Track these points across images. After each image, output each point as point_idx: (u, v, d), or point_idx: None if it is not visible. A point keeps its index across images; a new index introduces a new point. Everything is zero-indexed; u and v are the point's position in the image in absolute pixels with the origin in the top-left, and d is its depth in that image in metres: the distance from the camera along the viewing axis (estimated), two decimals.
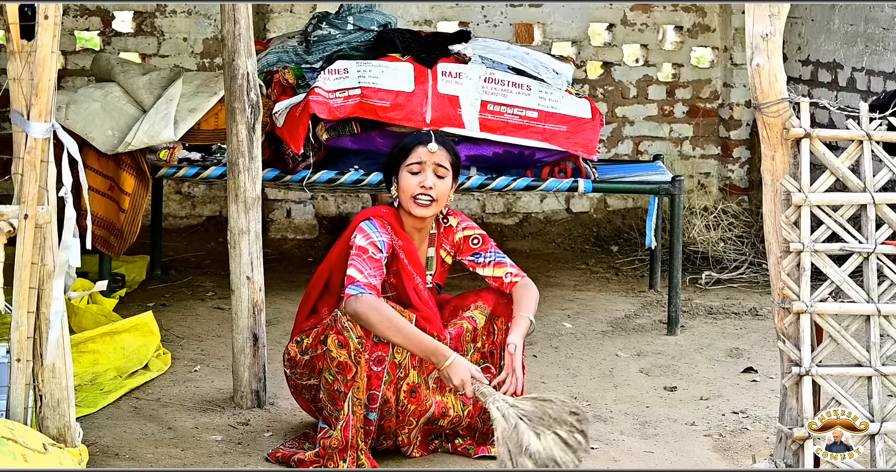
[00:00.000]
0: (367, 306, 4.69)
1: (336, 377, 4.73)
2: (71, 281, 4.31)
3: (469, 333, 4.94)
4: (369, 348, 4.70)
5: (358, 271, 4.77)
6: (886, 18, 7.93)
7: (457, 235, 5.11)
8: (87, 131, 6.46)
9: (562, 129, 6.57)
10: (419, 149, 4.96)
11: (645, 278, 7.76)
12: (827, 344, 4.41)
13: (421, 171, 4.94)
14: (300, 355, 4.91)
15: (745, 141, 9.16)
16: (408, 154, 4.97)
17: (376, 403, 4.74)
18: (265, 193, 7.28)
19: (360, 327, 4.70)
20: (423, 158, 4.94)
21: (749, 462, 4.82)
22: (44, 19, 4.05)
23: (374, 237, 4.86)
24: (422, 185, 4.92)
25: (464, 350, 4.89)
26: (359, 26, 6.84)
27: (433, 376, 4.88)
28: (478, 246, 5.10)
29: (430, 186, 4.92)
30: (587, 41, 9.01)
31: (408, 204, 4.94)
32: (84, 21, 8.47)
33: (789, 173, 4.43)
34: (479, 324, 4.97)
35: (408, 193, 4.93)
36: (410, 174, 4.95)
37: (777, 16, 4.37)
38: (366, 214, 4.97)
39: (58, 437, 4.28)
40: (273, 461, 4.86)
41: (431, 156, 4.95)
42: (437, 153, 4.96)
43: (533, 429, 4.49)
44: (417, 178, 4.93)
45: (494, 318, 5.02)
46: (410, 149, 4.98)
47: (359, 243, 4.85)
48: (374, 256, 4.82)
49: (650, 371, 6.12)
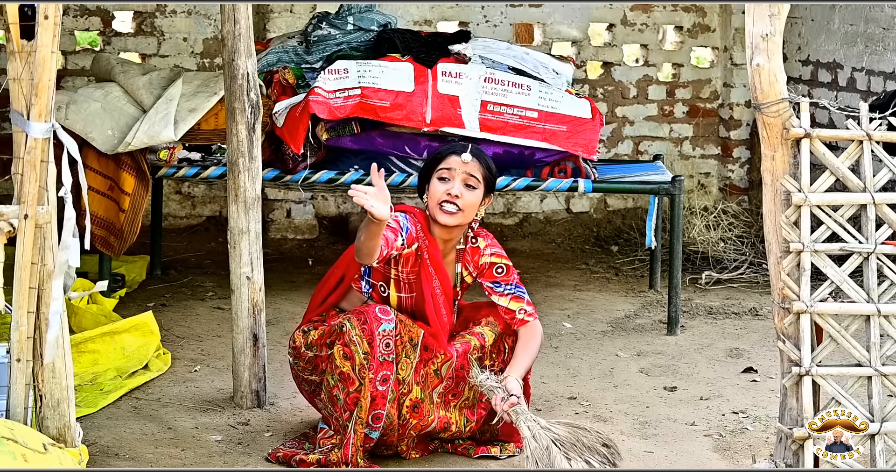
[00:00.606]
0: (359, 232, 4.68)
1: (337, 385, 4.74)
2: (71, 281, 4.31)
3: (476, 350, 4.93)
4: (375, 367, 4.69)
5: None
6: (886, 18, 7.93)
7: (483, 258, 5.07)
8: (87, 131, 6.46)
9: (562, 129, 6.57)
10: (452, 157, 4.95)
11: (645, 278, 7.76)
12: (827, 344, 4.41)
13: (450, 178, 4.93)
14: (304, 349, 4.91)
15: (745, 141, 9.16)
16: (440, 161, 4.97)
17: (380, 423, 4.73)
18: (265, 193, 7.29)
19: (366, 342, 4.69)
20: (453, 166, 4.93)
21: (749, 462, 4.82)
22: (44, 19, 4.05)
23: (401, 222, 4.85)
24: (448, 192, 4.90)
25: (470, 368, 4.88)
26: (359, 26, 6.84)
27: (437, 391, 4.87)
28: (501, 276, 5.06)
29: (456, 194, 4.89)
30: (587, 41, 9.01)
31: (434, 211, 4.92)
32: (84, 21, 8.47)
33: (789, 173, 4.43)
34: (487, 341, 4.96)
35: (435, 200, 4.92)
36: (439, 181, 4.94)
37: (777, 16, 4.37)
38: (398, 208, 4.95)
39: (58, 437, 4.28)
40: (273, 460, 4.86)
41: (463, 166, 4.93)
42: (469, 164, 4.94)
43: (565, 454, 4.52)
44: (445, 185, 4.92)
45: (505, 336, 5.01)
46: (444, 157, 4.97)
47: None
48: (391, 225, 4.78)
49: (650, 371, 6.12)
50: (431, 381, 4.82)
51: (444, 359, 4.86)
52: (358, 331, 4.70)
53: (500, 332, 5.00)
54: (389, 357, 4.70)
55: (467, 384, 4.91)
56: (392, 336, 4.72)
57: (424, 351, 4.82)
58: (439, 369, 4.86)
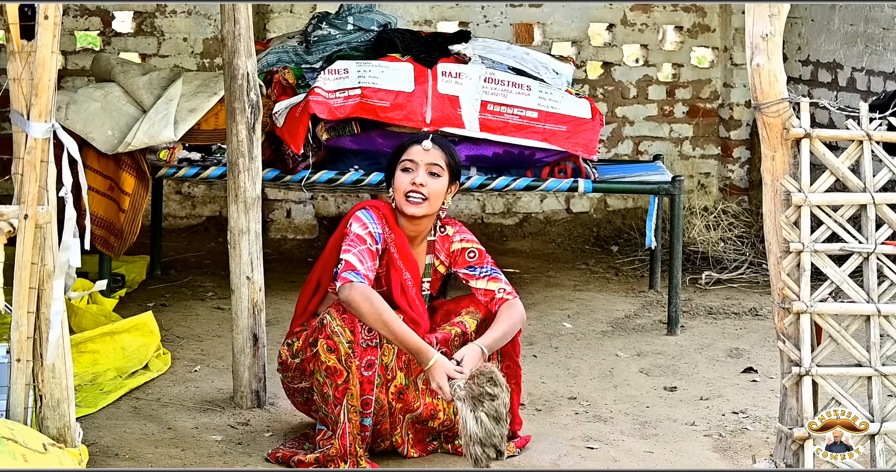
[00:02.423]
0: (361, 295, 4.67)
1: (325, 381, 4.73)
2: (71, 281, 4.31)
3: (458, 337, 4.90)
4: (359, 354, 4.69)
5: (358, 260, 4.75)
6: (886, 18, 7.93)
7: (453, 245, 5.06)
8: (87, 131, 6.46)
9: (562, 129, 6.57)
10: (414, 147, 4.97)
11: (645, 278, 7.76)
12: (827, 344, 4.41)
13: (413, 169, 4.93)
14: (290, 359, 4.92)
15: (745, 141, 9.16)
16: (402, 152, 4.98)
17: (370, 408, 4.73)
18: (265, 193, 7.29)
19: (349, 330, 4.68)
20: (415, 157, 4.94)
21: (749, 462, 4.82)
22: (44, 19, 4.05)
23: (371, 228, 4.85)
24: (413, 182, 4.90)
25: (451, 355, 4.87)
26: (359, 26, 6.84)
27: (421, 377, 4.86)
28: (474, 260, 5.05)
29: (421, 182, 4.89)
30: (587, 41, 9.01)
31: (400, 203, 4.92)
32: (84, 21, 8.47)
33: (789, 173, 4.43)
34: (469, 328, 4.93)
35: (400, 191, 4.92)
36: (403, 172, 4.94)
37: (777, 16, 4.37)
38: (362, 204, 4.96)
39: (58, 437, 4.28)
40: (273, 461, 4.86)
41: (425, 154, 4.94)
42: (430, 152, 4.94)
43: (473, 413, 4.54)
44: (410, 175, 4.92)
45: (488, 322, 4.97)
46: (405, 147, 4.99)
47: (356, 231, 4.83)
48: (370, 248, 4.80)
49: (650, 371, 6.12)
50: (415, 367, 4.81)
51: None
52: (339, 321, 4.70)
53: (482, 318, 4.97)
54: (373, 343, 4.70)
55: None
56: None
57: None
58: None
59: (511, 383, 4.95)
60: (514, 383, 5.00)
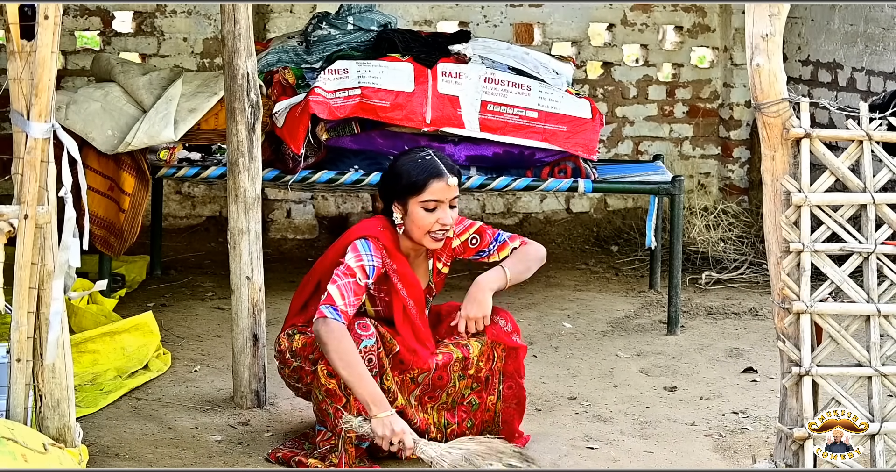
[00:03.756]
0: (331, 334, 4.61)
1: (325, 399, 4.73)
2: (71, 281, 4.31)
3: (459, 362, 4.89)
4: None
5: (340, 294, 4.68)
6: (886, 18, 7.93)
7: (453, 243, 5.03)
8: (87, 131, 6.46)
9: (562, 129, 6.57)
10: (434, 184, 4.77)
11: (645, 278, 7.76)
12: (827, 344, 4.41)
13: (439, 207, 4.79)
14: (289, 355, 4.90)
15: (745, 141, 9.16)
16: (421, 190, 4.77)
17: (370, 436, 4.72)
18: (265, 193, 7.29)
19: None
20: (439, 196, 4.78)
21: (749, 462, 4.82)
22: (44, 19, 4.05)
23: (365, 261, 4.76)
24: (439, 221, 4.78)
25: (449, 379, 4.87)
26: (359, 26, 6.84)
27: (414, 394, 4.86)
28: (477, 245, 5.04)
29: (448, 223, 4.80)
30: (587, 41, 9.01)
31: (421, 238, 4.81)
32: (84, 21, 8.47)
33: (789, 173, 4.43)
34: (472, 353, 4.91)
35: (423, 230, 4.79)
36: (426, 211, 4.78)
37: (777, 16, 4.37)
38: (362, 231, 4.85)
39: (58, 437, 4.28)
40: (273, 461, 4.86)
41: (448, 190, 4.79)
42: (453, 187, 4.80)
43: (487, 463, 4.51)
44: (435, 215, 4.78)
45: (495, 345, 4.96)
46: (423, 184, 4.77)
47: (348, 263, 4.76)
48: (359, 281, 4.73)
49: (650, 371, 6.12)
50: (408, 386, 4.82)
51: (420, 371, 4.84)
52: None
53: (488, 341, 4.94)
54: (373, 372, 4.68)
55: (444, 391, 4.89)
56: (374, 351, 4.71)
57: (400, 365, 4.80)
58: (416, 377, 4.85)
59: (513, 403, 4.98)
60: (515, 404, 5.01)
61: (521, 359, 4.99)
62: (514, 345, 4.96)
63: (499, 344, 4.96)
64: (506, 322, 4.97)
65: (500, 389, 4.97)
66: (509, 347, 4.96)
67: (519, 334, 5.00)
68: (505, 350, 4.97)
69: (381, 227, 4.88)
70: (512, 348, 4.96)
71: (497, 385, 4.97)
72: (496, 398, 4.98)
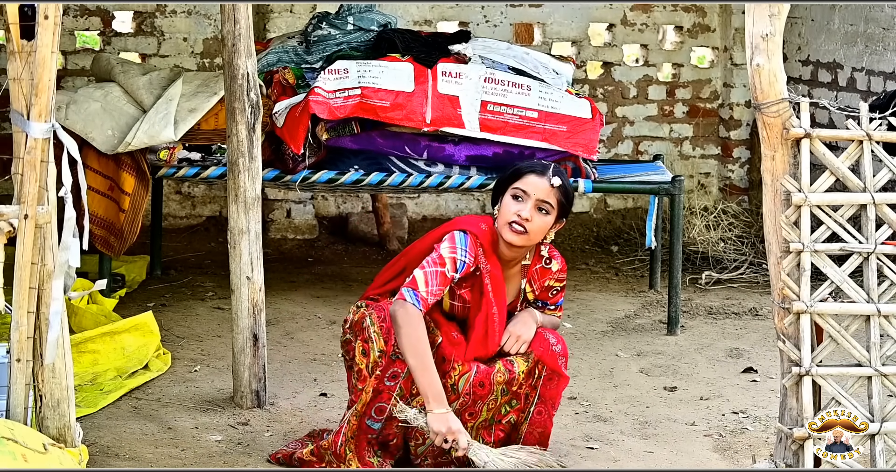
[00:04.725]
0: (407, 318, 4.59)
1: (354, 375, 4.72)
2: (71, 281, 4.31)
3: (502, 374, 4.77)
4: (384, 365, 4.65)
5: (425, 281, 4.65)
6: (886, 18, 7.93)
7: (548, 281, 4.93)
8: (87, 131, 6.46)
9: (562, 129, 6.57)
10: (531, 177, 4.77)
11: (645, 278, 7.76)
12: (827, 344, 4.41)
13: (524, 199, 4.77)
14: (345, 326, 4.83)
15: (745, 141, 9.16)
16: (518, 178, 4.79)
17: (383, 415, 4.69)
18: (265, 193, 7.29)
19: (383, 340, 4.64)
20: (529, 189, 4.76)
21: (749, 462, 4.82)
22: (44, 19, 4.05)
23: (459, 254, 4.72)
24: (518, 213, 4.74)
25: (490, 389, 4.75)
26: (359, 26, 6.84)
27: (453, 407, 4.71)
28: (553, 297, 4.97)
29: (527, 217, 4.74)
30: (587, 41, 9.01)
31: (502, 227, 4.78)
32: (84, 21, 8.47)
33: (789, 173, 4.43)
34: (517, 370, 4.79)
35: (504, 218, 4.77)
36: (512, 199, 4.78)
37: (777, 16, 4.37)
38: (464, 224, 4.83)
39: (58, 437, 4.28)
40: (273, 461, 4.86)
41: (541, 188, 4.76)
42: (547, 188, 4.76)
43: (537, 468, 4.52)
44: (518, 206, 4.76)
45: (539, 363, 4.84)
46: (523, 173, 4.79)
47: (441, 252, 4.71)
48: (447, 273, 4.69)
49: (650, 371, 6.12)
50: (448, 396, 4.67)
51: (461, 371, 4.74)
52: (377, 328, 4.68)
53: (534, 358, 4.82)
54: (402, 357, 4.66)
55: (485, 404, 4.78)
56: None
57: (442, 362, 4.71)
58: (456, 383, 4.73)
59: (537, 431, 4.84)
60: (539, 433, 4.86)
61: (560, 388, 4.85)
62: (557, 369, 4.82)
63: (543, 363, 4.82)
64: (556, 341, 4.85)
65: (531, 410, 4.84)
66: (551, 369, 4.82)
67: (566, 361, 4.85)
68: (548, 370, 4.82)
69: (484, 225, 4.86)
70: (554, 371, 4.82)
71: (529, 406, 4.84)
72: (525, 416, 4.85)
